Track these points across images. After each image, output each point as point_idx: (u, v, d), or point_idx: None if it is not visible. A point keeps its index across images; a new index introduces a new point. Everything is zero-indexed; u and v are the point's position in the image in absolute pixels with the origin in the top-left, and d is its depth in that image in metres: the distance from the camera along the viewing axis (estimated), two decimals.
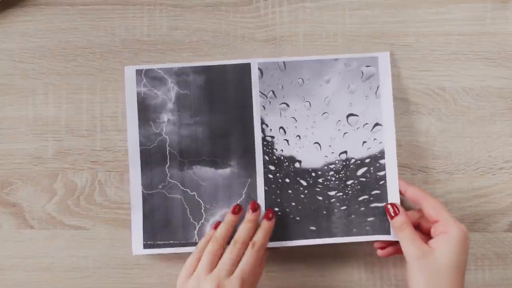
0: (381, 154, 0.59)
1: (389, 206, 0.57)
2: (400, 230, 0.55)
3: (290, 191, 0.59)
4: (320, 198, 0.59)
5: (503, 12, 0.60)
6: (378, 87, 0.59)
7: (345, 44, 0.60)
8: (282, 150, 0.59)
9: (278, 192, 0.59)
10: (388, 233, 0.57)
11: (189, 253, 0.55)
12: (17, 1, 0.61)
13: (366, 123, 0.59)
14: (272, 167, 0.59)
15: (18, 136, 0.60)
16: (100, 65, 0.60)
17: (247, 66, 0.59)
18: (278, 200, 0.59)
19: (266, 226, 0.58)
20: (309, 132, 0.60)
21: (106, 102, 0.60)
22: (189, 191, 0.59)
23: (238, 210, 0.58)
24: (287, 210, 0.59)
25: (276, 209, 0.59)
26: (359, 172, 0.59)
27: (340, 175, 0.59)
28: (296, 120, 0.60)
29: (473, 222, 0.60)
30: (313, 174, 0.59)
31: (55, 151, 0.60)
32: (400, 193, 0.58)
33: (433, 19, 0.60)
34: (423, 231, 0.57)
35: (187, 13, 0.61)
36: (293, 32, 0.60)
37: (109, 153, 0.60)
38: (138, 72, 0.59)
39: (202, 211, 0.59)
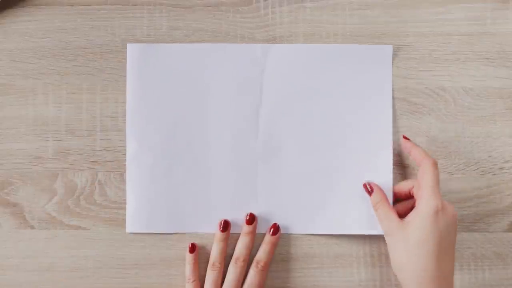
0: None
1: (366, 185, 0.58)
2: (375, 209, 0.56)
3: None
4: None
5: (503, 12, 0.60)
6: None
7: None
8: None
9: None
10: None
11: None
12: (17, 1, 0.60)
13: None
14: None
15: (18, 136, 0.60)
16: (100, 65, 0.60)
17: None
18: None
19: (270, 241, 0.58)
20: None
21: (106, 102, 0.60)
22: None
23: (226, 227, 0.58)
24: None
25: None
26: None
27: None
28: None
29: (473, 222, 0.60)
30: None
31: (55, 151, 0.60)
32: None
33: (433, 19, 0.60)
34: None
35: (187, 13, 0.61)
36: (293, 32, 0.60)
37: (109, 153, 0.60)
38: None
39: None
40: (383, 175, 0.59)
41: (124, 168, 0.60)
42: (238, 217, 0.59)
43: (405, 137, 0.58)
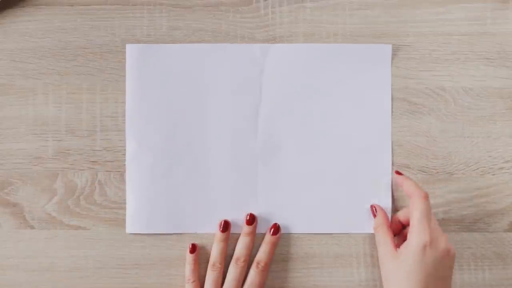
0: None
1: (373, 208, 0.58)
2: (376, 231, 0.57)
3: None
4: None
5: (503, 12, 0.60)
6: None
7: None
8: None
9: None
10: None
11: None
12: (17, 1, 0.61)
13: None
14: None
15: (18, 136, 0.60)
16: (100, 65, 0.60)
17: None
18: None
19: (270, 241, 0.58)
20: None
21: (106, 102, 0.60)
22: None
23: (226, 227, 0.58)
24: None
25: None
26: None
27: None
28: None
29: (473, 222, 0.60)
30: None
31: (55, 151, 0.60)
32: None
33: (433, 19, 0.60)
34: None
35: (187, 13, 0.61)
36: (293, 32, 0.60)
37: (109, 153, 0.60)
38: None
39: None
40: (382, 174, 0.59)
41: (124, 168, 0.60)
42: (238, 217, 0.59)
43: (397, 172, 0.59)
